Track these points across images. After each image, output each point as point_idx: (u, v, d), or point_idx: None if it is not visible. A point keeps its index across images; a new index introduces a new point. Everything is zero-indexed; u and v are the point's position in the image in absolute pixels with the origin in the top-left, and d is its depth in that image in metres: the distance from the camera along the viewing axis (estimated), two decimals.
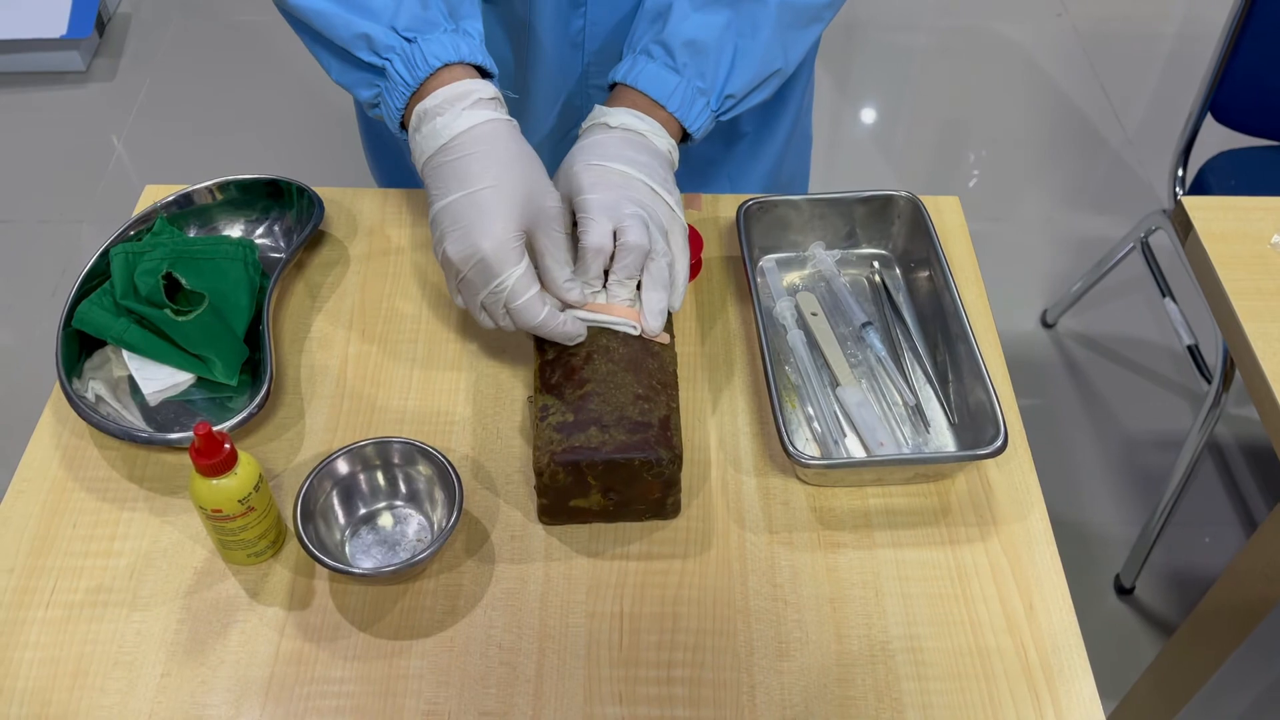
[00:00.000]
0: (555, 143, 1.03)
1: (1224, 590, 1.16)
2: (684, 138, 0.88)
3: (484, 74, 0.82)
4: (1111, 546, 1.72)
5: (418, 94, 0.79)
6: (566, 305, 0.79)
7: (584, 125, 0.86)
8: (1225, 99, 1.60)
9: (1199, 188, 1.65)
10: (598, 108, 0.86)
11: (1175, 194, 1.70)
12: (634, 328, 0.80)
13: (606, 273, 0.80)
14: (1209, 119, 1.64)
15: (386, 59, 0.80)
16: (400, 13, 0.79)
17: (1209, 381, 1.53)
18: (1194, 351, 1.67)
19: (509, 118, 0.80)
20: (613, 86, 0.88)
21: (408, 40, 0.79)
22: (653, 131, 0.84)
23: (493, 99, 0.79)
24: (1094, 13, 2.73)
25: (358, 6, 0.79)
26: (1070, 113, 2.48)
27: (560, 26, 0.93)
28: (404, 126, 0.82)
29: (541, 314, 0.77)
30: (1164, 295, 1.77)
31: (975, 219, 1.01)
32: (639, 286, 0.81)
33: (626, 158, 0.81)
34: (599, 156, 0.81)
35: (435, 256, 0.80)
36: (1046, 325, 2.04)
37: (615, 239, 0.79)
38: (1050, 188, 2.32)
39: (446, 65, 0.79)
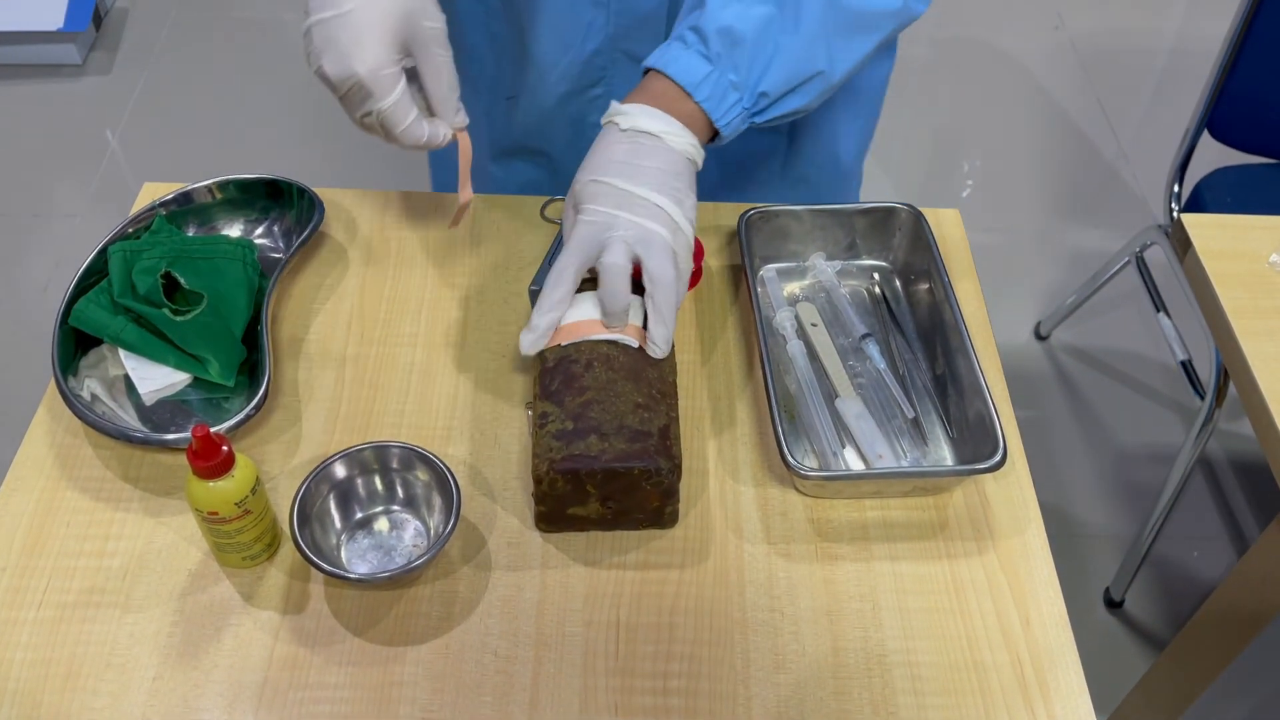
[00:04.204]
0: (568, 102, 1.00)
1: (1217, 605, 1.17)
2: (713, 136, 0.84)
3: None
4: (1101, 559, 1.73)
5: None
6: (448, 133, 0.81)
7: (602, 119, 0.83)
8: (1223, 116, 1.60)
9: (1194, 204, 1.65)
10: (614, 104, 0.82)
11: (1171, 210, 1.71)
12: (634, 342, 0.80)
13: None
14: (1205, 135, 1.64)
15: None
16: None
17: (1202, 397, 1.54)
18: (1187, 367, 1.67)
19: None
20: (646, 72, 0.85)
21: None
22: (669, 132, 0.80)
23: None
24: (1091, 27, 2.74)
25: None
26: (1066, 126, 2.49)
27: None
28: None
29: (423, 137, 0.80)
30: (1158, 310, 1.78)
31: (970, 230, 1.01)
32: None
33: (630, 169, 0.79)
34: (601, 170, 0.79)
35: (310, 69, 0.79)
36: (1040, 338, 2.05)
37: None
38: (1045, 200, 2.32)
39: None
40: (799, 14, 0.82)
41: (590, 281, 0.85)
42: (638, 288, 0.85)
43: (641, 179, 0.79)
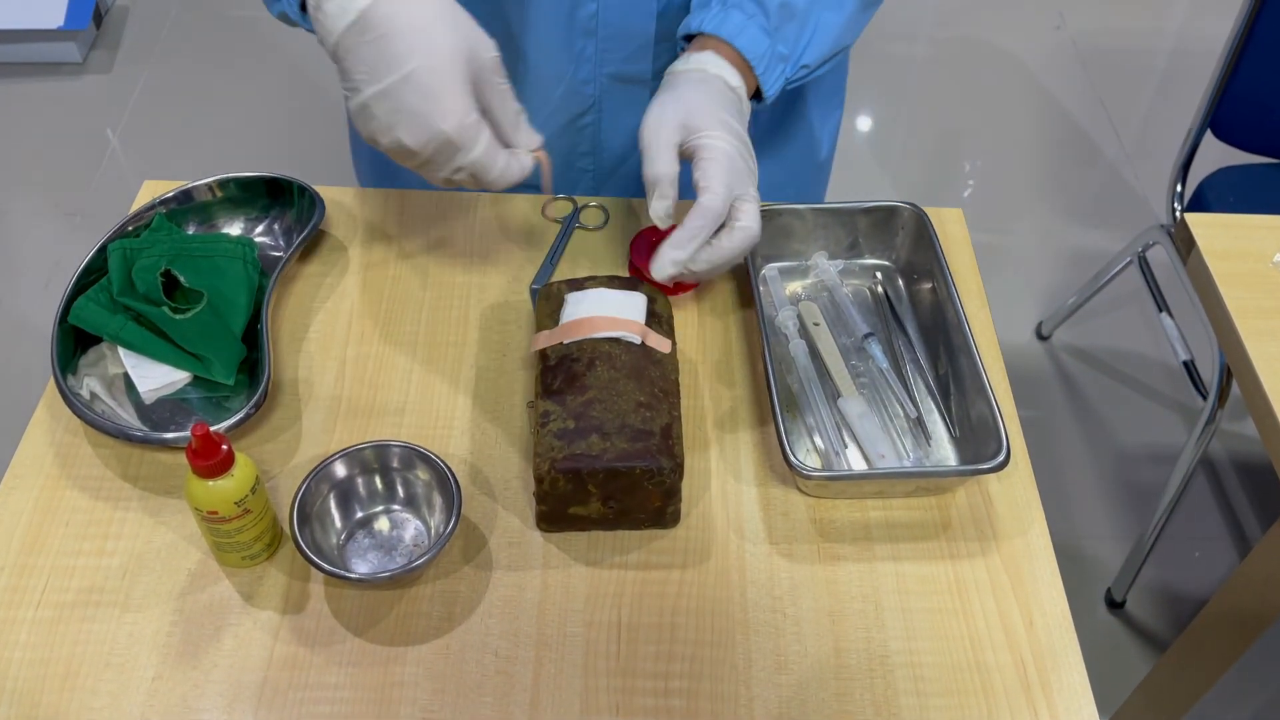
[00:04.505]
0: (558, 130, 0.99)
1: (1219, 606, 1.16)
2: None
3: None
4: (1102, 560, 1.73)
5: None
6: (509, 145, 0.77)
7: (690, 65, 0.82)
8: (1226, 116, 1.60)
9: (1197, 204, 1.65)
10: (713, 57, 0.82)
11: (1174, 209, 1.71)
12: (636, 338, 0.80)
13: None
14: (1208, 135, 1.64)
15: None
16: None
17: (1204, 397, 1.53)
18: (1190, 367, 1.67)
19: None
20: (691, 37, 0.86)
21: None
22: (745, 99, 0.83)
23: None
24: (1092, 26, 2.73)
25: None
26: (1067, 125, 2.48)
27: (565, 13, 0.91)
28: (302, 6, 0.76)
29: (515, 175, 0.76)
30: (1160, 310, 1.78)
31: (971, 230, 1.01)
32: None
33: (743, 129, 0.81)
34: (729, 116, 0.80)
35: (373, 143, 0.74)
36: (1042, 338, 2.05)
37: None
38: (1046, 200, 2.32)
39: None
40: None
41: (594, 280, 0.85)
42: (639, 284, 0.85)
43: (743, 143, 0.81)
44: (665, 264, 0.79)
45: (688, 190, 0.81)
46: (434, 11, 0.72)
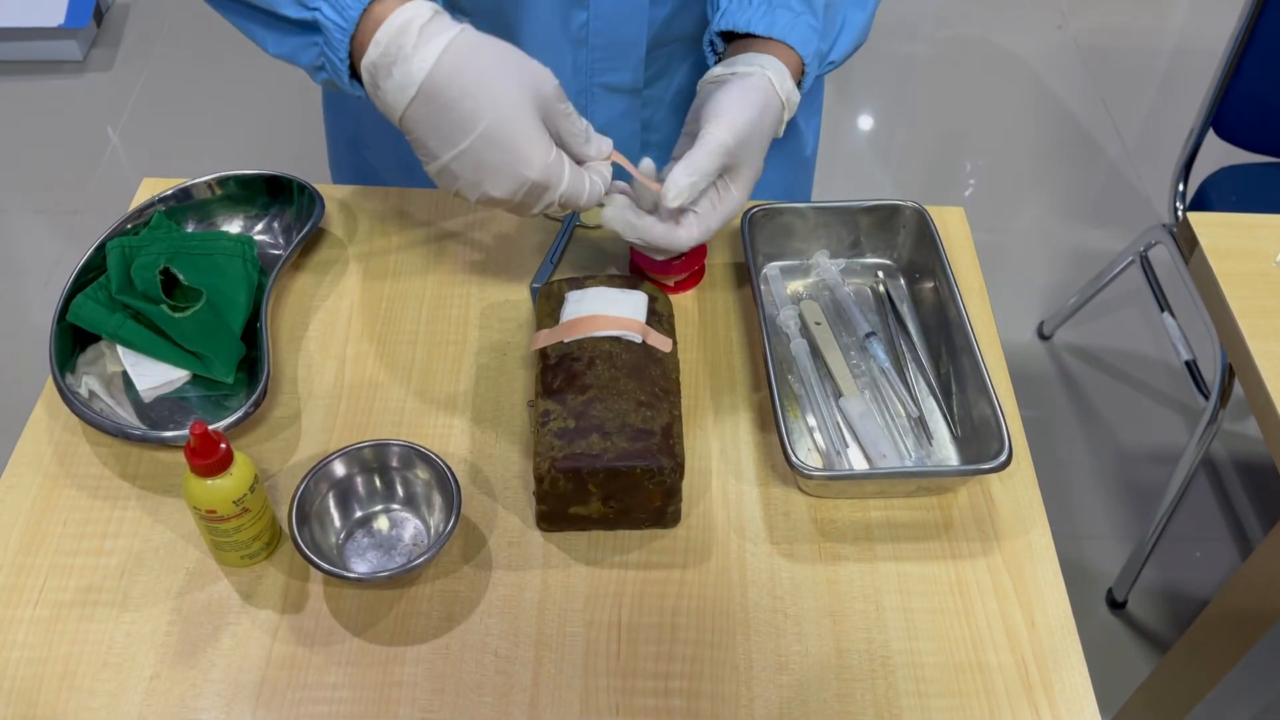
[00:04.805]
0: None
1: (1221, 607, 1.16)
2: None
3: None
4: (1104, 560, 1.72)
5: (358, 42, 0.73)
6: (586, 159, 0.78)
7: (750, 66, 0.80)
8: (1228, 115, 1.60)
9: (1199, 203, 1.65)
10: (775, 62, 0.80)
11: (1176, 209, 1.70)
12: (636, 337, 0.80)
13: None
14: (1210, 134, 1.64)
15: (314, 9, 0.73)
16: None
17: (1206, 397, 1.53)
18: (1191, 367, 1.67)
19: (461, 27, 0.73)
20: (730, 37, 0.84)
21: None
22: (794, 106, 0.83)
23: (434, 17, 0.72)
24: (1094, 25, 2.73)
25: None
26: (1069, 124, 2.48)
27: (557, 22, 0.90)
28: (358, 80, 0.76)
29: (601, 194, 0.77)
30: (1162, 310, 1.77)
31: (972, 229, 1.01)
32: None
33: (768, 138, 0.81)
34: (771, 145, 0.81)
35: (459, 198, 0.76)
36: (1043, 337, 2.04)
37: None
38: (1048, 199, 2.32)
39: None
40: None
41: (594, 279, 0.85)
42: (640, 283, 0.85)
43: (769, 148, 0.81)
44: (682, 185, 0.78)
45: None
46: (491, 61, 0.72)
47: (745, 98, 0.79)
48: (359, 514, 0.78)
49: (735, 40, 0.85)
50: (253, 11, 0.77)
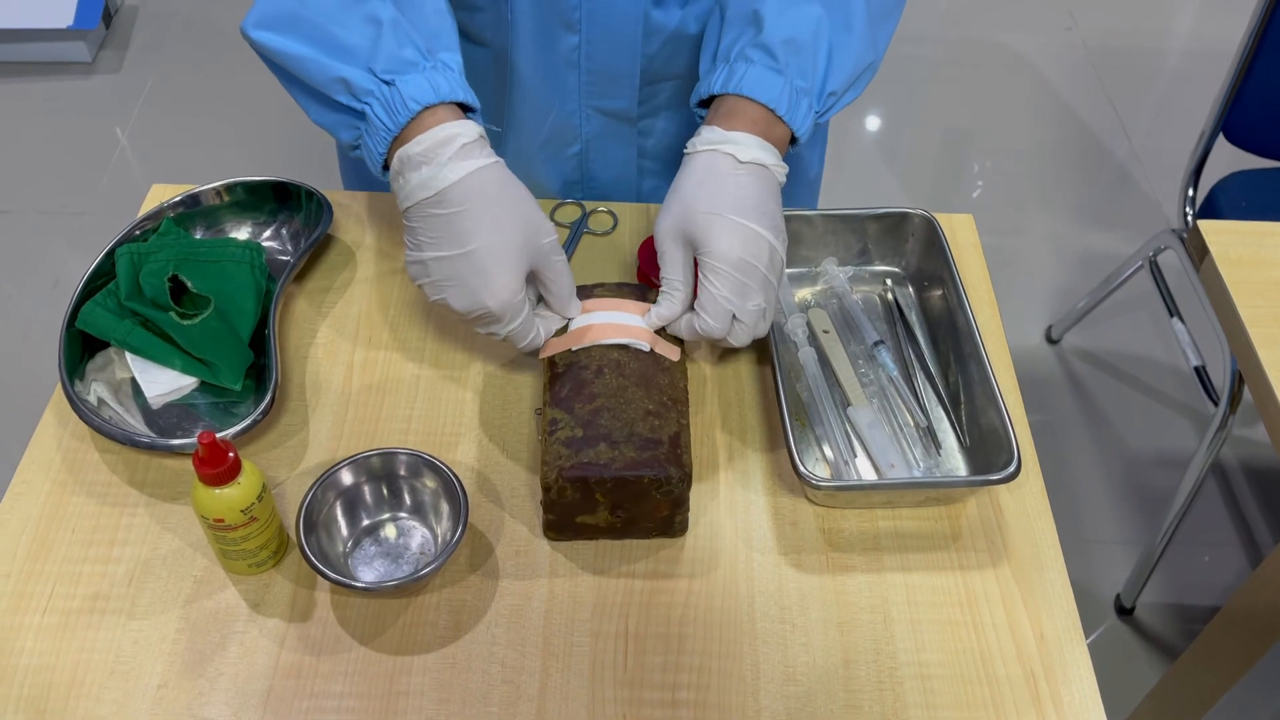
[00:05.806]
0: (549, 156, 1.00)
1: (1231, 613, 1.15)
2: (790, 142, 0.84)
3: (465, 108, 0.79)
4: (1112, 566, 1.72)
5: (399, 137, 0.77)
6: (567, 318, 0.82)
7: (698, 145, 0.81)
8: (1238, 119, 1.59)
9: (1209, 208, 1.64)
10: (718, 130, 0.80)
11: (1185, 214, 1.69)
12: (645, 346, 0.79)
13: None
14: (1220, 138, 1.63)
15: (366, 103, 0.77)
16: (377, 54, 0.76)
17: (1216, 403, 1.52)
18: (1201, 372, 1.66)
19: (495, 159, 0.78)
20: (706, 102, 0.84)
21: (386, 83, 0.76)
22: (776, 164, 0.80)
23: (477, 140, 0.77)
24: (1102, 27, 2.72)
25: (334, 49, 0.77)
26: (1078, 127, 2.47)
27: (548, 46, 0.91)
28: (385, 165, 0.80)
29: (540, 342, 0.81)
30: (1171, 315, 1.77)
31: (980, 232, 1.01)
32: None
33: (759, 211, 0.78)
34: (732, 207, 0.78)
35: (424, 292, 0.79)
36: (1051, 341, 2.04)
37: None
38: (1056, 203, 2.31)
39: (428, 107, 0.76)
40: (848, 11, 0.83)
41: (602, 288, 0.84)
42: (648, 292, 0.84)
43: (767, 224, 0.78)
44: (655, 319, 0.81)
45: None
46: (507, 198, 0.77)
47: (677, 190, 0.80)
48: (366, 522, 0.78)
49: (712, 102, 0.84)
50: (302, 82, 0.80)
